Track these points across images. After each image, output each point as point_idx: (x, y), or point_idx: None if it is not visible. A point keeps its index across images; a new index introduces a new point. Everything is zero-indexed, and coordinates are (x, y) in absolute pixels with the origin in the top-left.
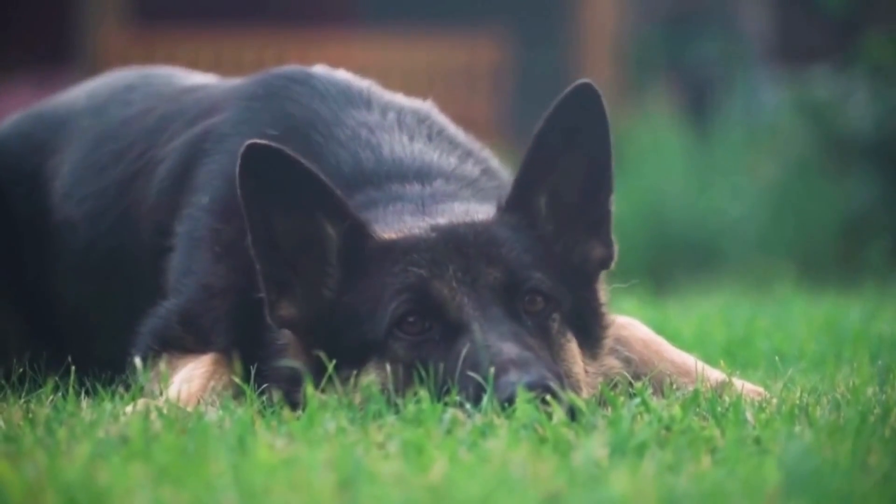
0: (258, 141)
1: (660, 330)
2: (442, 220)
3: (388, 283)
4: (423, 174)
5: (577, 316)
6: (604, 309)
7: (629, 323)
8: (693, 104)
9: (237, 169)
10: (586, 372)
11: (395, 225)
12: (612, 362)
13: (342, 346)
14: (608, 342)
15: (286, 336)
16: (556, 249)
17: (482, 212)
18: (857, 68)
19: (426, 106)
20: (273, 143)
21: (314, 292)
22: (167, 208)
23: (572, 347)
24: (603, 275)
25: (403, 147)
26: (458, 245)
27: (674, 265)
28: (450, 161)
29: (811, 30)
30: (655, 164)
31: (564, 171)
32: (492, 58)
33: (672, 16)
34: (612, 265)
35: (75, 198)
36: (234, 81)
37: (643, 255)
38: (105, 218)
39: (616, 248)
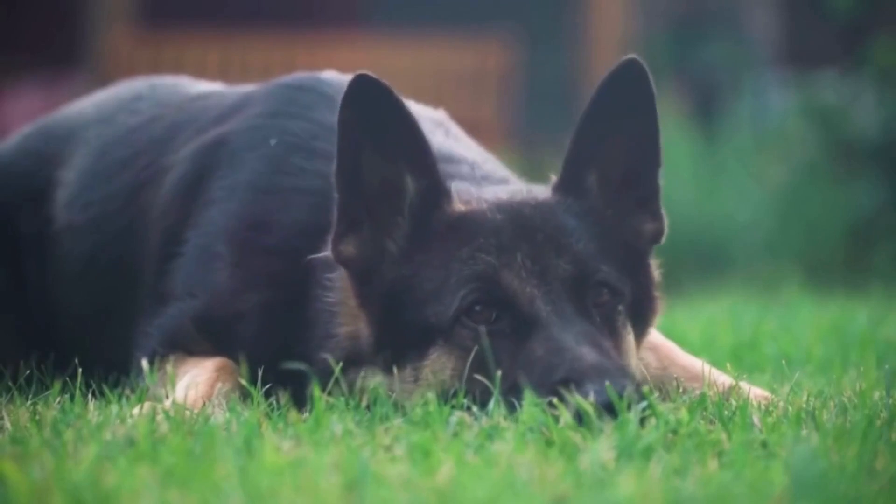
0: (368, 74)
1: (667, 333)
2: (504, 197)
3: (455, 269)
4: (460, 161)
5: (635, 304)
6: (656, 292)
7: None
8: (700, 108)
9: (342, 96)
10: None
11: (464, 194)
12: (649, 355)
13: (402, 323)
14: (653, 329)
15: (340, 280)
16: (612, 231)
17: (541, 192)
18: (864, 72)
19: (440, 113)
20: (382, 81)
21: (380, 239)
22: (177, 215)
23: (630, 340)
24: (654, 251)
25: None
26: (525, 230)
27: (681, 268)
28: (473, 156)
29: (819, 34)
30: (663, 167)
31: (613, 148)
32: (500, 61)
33: (680, 19)
34: (663, 239)
35: (80, 204)
36: (244, 89)
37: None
38: (111, 225)
39: (666, 221)
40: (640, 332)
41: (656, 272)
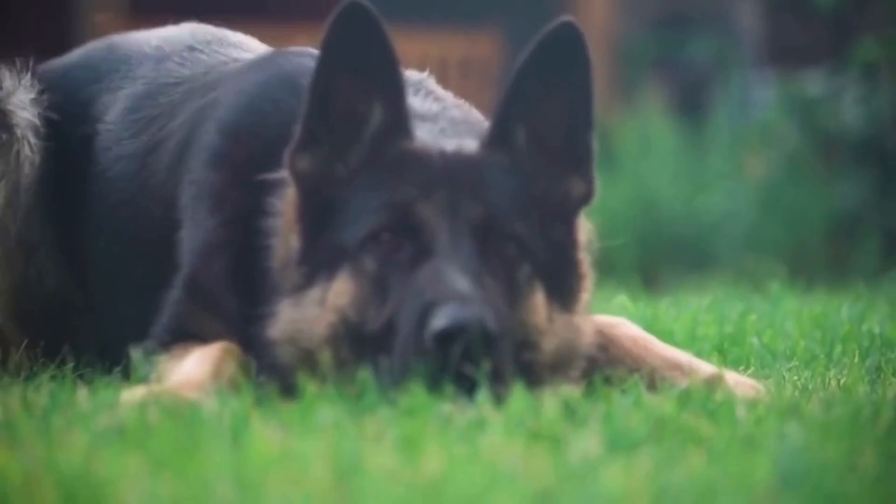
0: (360, 1)
1: (651, 327)
2: (444, 146)
3: (377, 196)
4: (420, 116)
5: (551, 266)
6: (581, 257)
7: (617, 322)
8: (685, 103)
9: (330, 19)
10: (551, 320)
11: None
12: (589, 323)
13: (323, 241)
14: (585, 297)
15: (287, 195)
16: (537, 190)
17: (469, 146)
18: (848, 69)
19: (422, 76)
20: (374, 11)
21: (335, 160)
22: (173, 182)
23: (536, 299)
24: (583, 213)
25: None
26: (451, 175)
27: (665, 262)
28: (432, 106)
29: (803, 31)
30: (647, 162)
31: (544, 108)
32: (488, 54)
33: (665, 16)
34: (592, 201)
35: (112, 155)
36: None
37: (634, 252)
38: (130, 183)
39: (597, 184)
40: (563, 295)
41: (584, 235)
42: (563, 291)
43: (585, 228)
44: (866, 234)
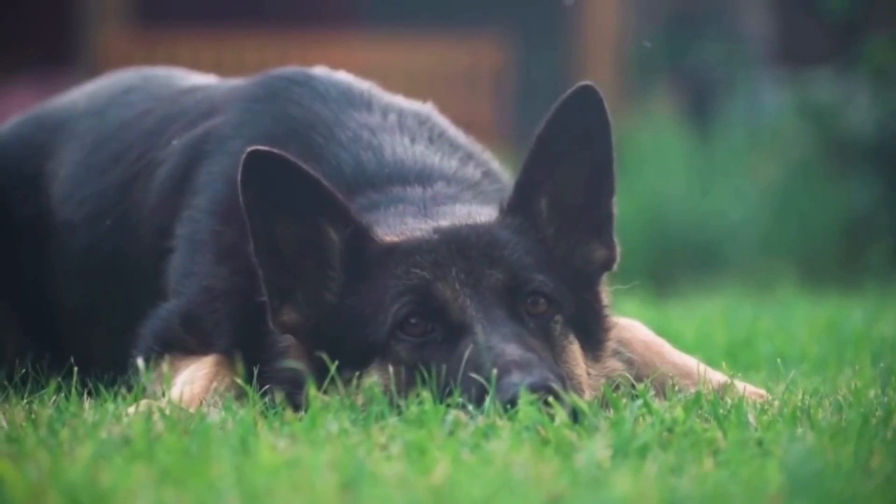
0: (260, 147)
1: (661, 332)
2: (444, 223)
3: (391, 286)
4: (425, 176)
5: (580, 318)
6: (606, 311)
7: (631, 325)
8: (695, 107)
9: (239, 175)
10: (588, 374)
11: (397, 227)
12: (614, 364)
13: (345, 348)
14: (610, 344)
15: (288, 340)
16: (557, 252)
17: (484, 214)
18: (858, 71)
19: (427, 108)
20: (275, 149)
21: (316, 297)
22: (168, 210)
23: (574, 349)
24: (605, 277)
25: (405, 149)
26: (460, 247)
27: (675, 267)
28: (451, 164)
29: (813, 33)
30: (657, 166)
31: (566, 172)
32: (493, 60)
33: (674, 18)
34: (615, 267)
35: (75, 200)
36: (235, 82)
37: (645, 257)
38: (104, 220)
39: (618, 249)
40: (593, 347)
41: (607, 296)
42: (593, 343)
43: (607, 291)
44: (878, 237)
